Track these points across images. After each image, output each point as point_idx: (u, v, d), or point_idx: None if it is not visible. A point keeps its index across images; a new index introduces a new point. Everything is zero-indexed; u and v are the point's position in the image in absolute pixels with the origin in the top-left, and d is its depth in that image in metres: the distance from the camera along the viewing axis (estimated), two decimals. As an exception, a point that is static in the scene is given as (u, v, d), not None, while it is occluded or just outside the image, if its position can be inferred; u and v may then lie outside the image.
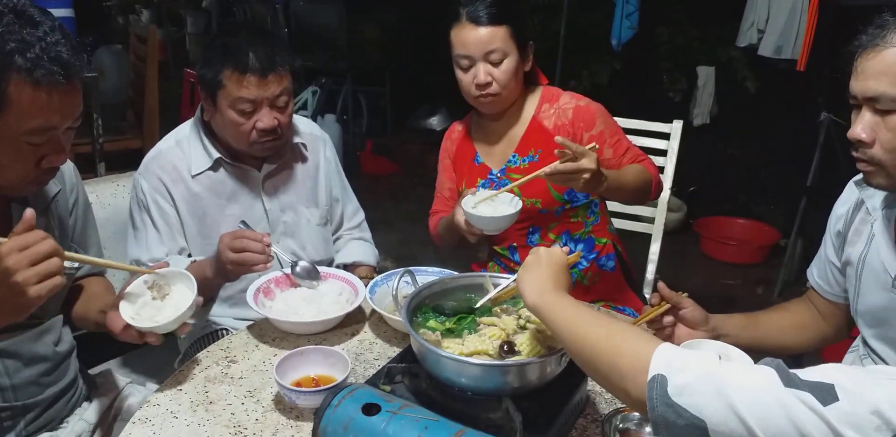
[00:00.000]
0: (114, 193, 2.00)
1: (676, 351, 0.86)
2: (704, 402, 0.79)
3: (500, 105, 1.80)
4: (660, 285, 1.39)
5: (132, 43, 4.10)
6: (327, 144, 1.97)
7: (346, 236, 2.05)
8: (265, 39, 1.66)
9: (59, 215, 1.37)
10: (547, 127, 1.84)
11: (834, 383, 0.74)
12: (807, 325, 1.47)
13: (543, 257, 1.12)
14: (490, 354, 1.18)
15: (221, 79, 1.61)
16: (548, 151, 1.81)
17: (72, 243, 1.42)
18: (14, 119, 1.06)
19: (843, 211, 1.33)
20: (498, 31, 1.70)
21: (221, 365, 1.39)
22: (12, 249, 1.01)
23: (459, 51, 1.74)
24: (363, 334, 1.53)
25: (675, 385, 0.81)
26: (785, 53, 3.47)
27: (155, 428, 1.19)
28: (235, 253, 1.50)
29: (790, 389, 0.75)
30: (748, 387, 0.77)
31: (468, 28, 1.71)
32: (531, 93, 1.88)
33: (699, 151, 3.17)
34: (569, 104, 1.84)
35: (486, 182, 1.89)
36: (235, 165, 1.77)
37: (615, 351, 0.91)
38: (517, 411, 1.11)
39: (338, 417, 1.06)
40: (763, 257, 3.93)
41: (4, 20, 1.02)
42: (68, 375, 1.41)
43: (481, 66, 1.72)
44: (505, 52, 1.71)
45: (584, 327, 0.97)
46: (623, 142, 1.87)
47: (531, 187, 1.79)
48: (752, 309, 1.50)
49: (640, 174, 1.79)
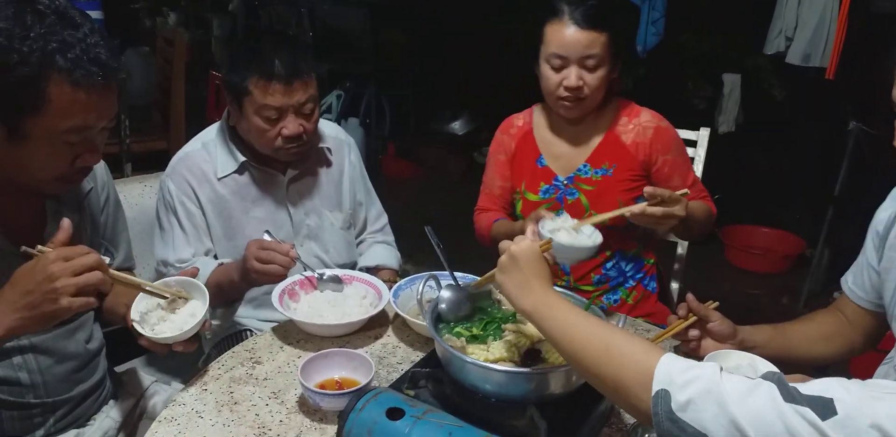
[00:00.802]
0: (141, 194, 2.03)
1: (678, 364, 0.86)
2: (707, 418, 0.80)
3: (581, 110, 1.76)
4: (688, 297, 1.37)
5: (159, 45, 4.15)
6: (352, 149, 1.98)
7: (369, 239, 2.06)
8: (290, 46, 1.67)
9: (91, 213, 1.40)
10: (624, 142, 1.80)
11: (833, 397, 0.75)
12: (834, 336, 1.45)
13: (518, 256, 1.08)
14: (515, 361, 1.17)
15: (247, 86, 1.62)
16: (622, 166, 1.79)
17: (103, 240, 1.44)
18: (52, 118, 1.08)
19: (885, 216, 1.32)
20: (599, 38, 1.65)
21: (246, 366, 1.40)
22: (59, 257, 1.04)
23: (554, 49, 1.67)
24: (386, 337, 1.53)
25: (678, 401, 0.82)
26: (814, 61, 3.44)
27: (180, 427, 1.20)
28: (262, 264, 1.51)
29: (790, 404, 0.77)
30: (749, 403, 0.79)
31: (569, 27, 1.64)
32: (608, 102, 1.83)
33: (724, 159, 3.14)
34: (650, 123, 1.80)
35: (550, 188, 1.85)
36: (260, 168, 1.78)
37: (618, 364, 0.91)
38: (542, 418, 1.10)
39: (362, 420, 1.06)
40: (788, 267, 3.88)
41: (47, 21, 1.04)
42: (97, 373, 1.43)
43: (574, 70, 1.67)
44: (601, 59, 1.67)
45: (581, 336, 0.96)
46: (691, 174, 1.85)
47: (602, 204, 1.77)
48: (776, 319, 1.48)
49: (707, 216, 1.78)
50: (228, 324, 1.84)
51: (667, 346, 1.44)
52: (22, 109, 1.06)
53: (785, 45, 3.57)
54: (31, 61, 1.02)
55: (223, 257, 1.78)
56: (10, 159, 1.13)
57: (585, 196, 1.82)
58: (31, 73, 1.03)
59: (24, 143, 1.10)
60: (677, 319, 1.38)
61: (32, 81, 1.03)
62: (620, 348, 0.92)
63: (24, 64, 1.02)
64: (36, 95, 1.05)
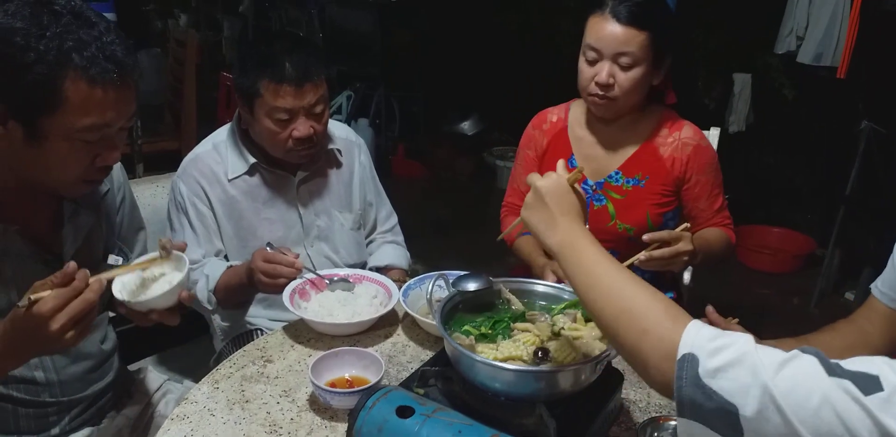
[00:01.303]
0: (153, 194, 2.05)
1: (708, 331, 0.81)
2: (739, 387, 0.75)
3: (611, 111, 1.71)
4: (708, 310, 1.35)
5: (171, 46, 4.18)
6: (362, 150, 1.99)
7: (379, 239, 2.07)
8: (301, 48, 1.67)
9: (107, 214, 1.41)
10: (662, 155, 1.76)
11: (879, 374, 0.71)
12: (857, 346, 1.43)
13: (544, 192, 1.03)
14: (524, 360, 1.18)
15: (258, 88, 1.63)
16: (655, 178, 1.76)
17: (118, 240, 1.45)
18: (70, 116, 1.08)
19: None
20: (637, 36, 1.60)
21: (258, 365, 1.41)
22: (55, 309, 1.02)
23: (590, 41, 1.64)
24: (396, 336, 1.54)
25: (707, 368, 0.77)
26: (825, 61, 3.42)
27: (193, 425, 1.21)
28: (268, 278, 1.54)
29: (833, 378, 0.72)
30: (788, 374, 0.74)
31: (608, 22, 1.60)
32: (652, 110, 1.79)
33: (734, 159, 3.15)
34: (691, 139, 1.76)
35: None
36: (271, 170, 1.80)
37: (639, 330, 0.85)
38: (551, 417, 1.11)
39: (372, 418, 1.07)
40: (798, 267, 3.86)
41: (63, 21, 1.06)
42: (112, 372, 1.45)
43: (606, 65, 1.63)
44: (637, 59, 1.62)
45: (602, 289, 0.90)
46: (720, 198, 1.81)
47: (629, 215, 1.76)
48: (787, 319, 1.48)
49: (724, 247, 1.76)
50: (240, 324, 1.85)
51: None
52: (40, 108, 1.07)
53: (796, 44, 3.55)
54: (48, 60, 1.04)
55: (234, 257, 1.80)
56: (30, 160, 1.14)
57: (613, 205, 1.79)
58: (48, 71, 1.04)
59: (43, 143, 1.11)
60: None
61: (49, 79, 1.05)
62: (643, 310, 0.86)
63: (41, 62, 1.04)
64: (53, 93, 1.06)
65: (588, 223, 1.83)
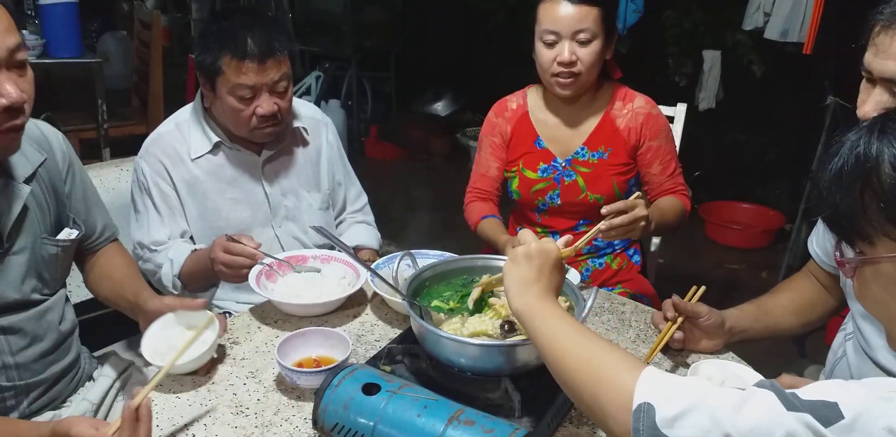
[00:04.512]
0: (117, 178, 2.02)
1: (662, 377, 0.80)
2: (698, 434, 0.73)
3: (576, 88, 1.77)
4: (674, 300, 1.39)
5: (136, 29, 4.09)
6: (329, 128, 1.96)
7: (349, 219, 2.05)
8: (262, 23, 1.65)
9: (51, 185, 1.37)
10: (618, 126, 1.85)
11: (837, 401, 0.70)
12: (814, 302, 1.46)
13: (535, 254, 1.03)
14: (491, 334, 1.18)
15: (220, 65, 1.60)
16: (616, 150, 1.85)
17: (70, 213, 1.42)
18: None
19: None
20: (591, 12, 1.70)
21: (224, 346, 1.40)
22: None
23: (546, 26, 1.72)
24: (364, 316, 1.54)
25: (664, 417, 0.75)
26: (791, 37, 3.44)
27: (157, 408, 1.20)
28: (230, 269, 1.53)
29: (792, 413, 0.71)
30: (744, 414, 0.72)
31: (561, 4, 1.70)
32: (604, 85, 1.87)
33: (704, 136, 3.15)
34: (643, 109, 1.85)
35: (548, 167, 1.88)
36: (235, 148, 1.77)
37: (596, 377, 0.84)
38: (516, 390, 1.12)
39: (338, 396, 1.07)
40: (768, 242, 3.92)
41: None
42: (70, 354, 1.43)
43: (567, 44, 1.71)
44: (594, 34, 1.71)
45: (564, 345, 0.90)
46: (673, 163, 1.89)
47: (597, 186, 1.84)
48: (756, 293, 1.50)
49: (679, 215, 1.82)
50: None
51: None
52: None
53: (763, 20, 3.56)
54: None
55: (200, 239, 1.77)
56: None
57: (582, 178, 1.87)
58: None
59: None
60: (665, 321, 1.39)
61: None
62: (601, 361, 0.85)
63: None
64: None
65: (561, 197, 1.86)
